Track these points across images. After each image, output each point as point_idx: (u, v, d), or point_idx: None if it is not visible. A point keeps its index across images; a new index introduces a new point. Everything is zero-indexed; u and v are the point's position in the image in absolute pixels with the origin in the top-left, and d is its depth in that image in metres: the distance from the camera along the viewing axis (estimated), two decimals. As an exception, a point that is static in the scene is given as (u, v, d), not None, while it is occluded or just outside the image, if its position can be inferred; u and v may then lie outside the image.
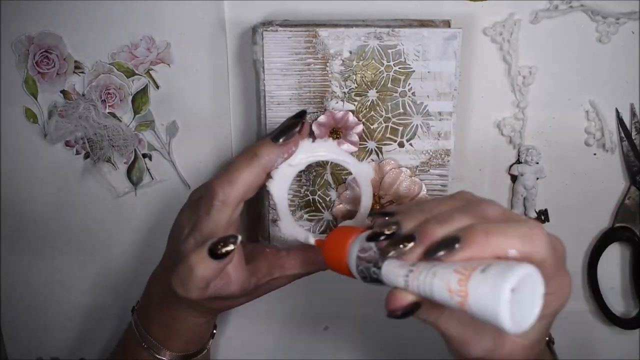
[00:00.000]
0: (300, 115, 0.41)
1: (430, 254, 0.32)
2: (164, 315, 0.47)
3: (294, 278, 0.46)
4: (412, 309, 0.34)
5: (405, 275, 0.33)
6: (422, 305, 0.34)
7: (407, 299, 0.34)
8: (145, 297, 0.49)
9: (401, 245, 0.33)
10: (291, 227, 0.43)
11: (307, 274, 0.46)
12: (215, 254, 0.37)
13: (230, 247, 0.37)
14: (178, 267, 0.39)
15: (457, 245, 0.32)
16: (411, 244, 0.33)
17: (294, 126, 0.40)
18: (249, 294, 0.45)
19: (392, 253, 0.34)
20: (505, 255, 0.31)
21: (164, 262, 0.49)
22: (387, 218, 0.36)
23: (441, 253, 0.32)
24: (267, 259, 0.45)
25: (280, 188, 0.42)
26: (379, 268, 0.35)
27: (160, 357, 0.47)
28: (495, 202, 0.35)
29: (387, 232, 0.35)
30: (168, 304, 0.46)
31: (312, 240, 0.43)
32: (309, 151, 0.42)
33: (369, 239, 0.36)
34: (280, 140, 0.40)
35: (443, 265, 0.32)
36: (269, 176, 0.41)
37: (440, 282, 0.31)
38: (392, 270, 0.34)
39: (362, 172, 0.44)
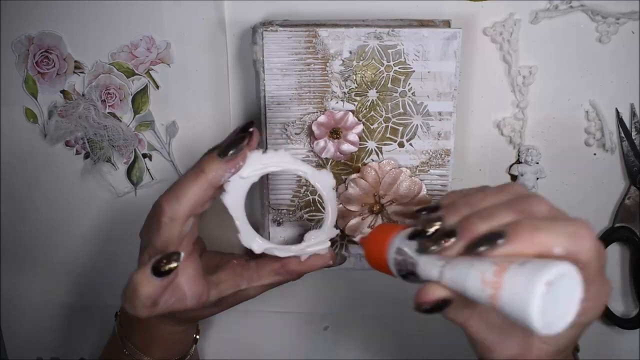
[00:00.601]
0: (247, 128, 0.40)
1: (472, 249, 0.31)
2: (141, 324, 0.46)
3: (265, 288, 0.45)
4: (442, 305, 0.33)
5: (441, 265, 0.33)
6: (453, 302, 0.33)
7: (439, 293, 0.33)
8: None
9: (442, 241, 0.33)
10: (250, 238, 0.42)
11: (278, 283, 0.45)
12: (158, 271, 0.37)
13: (173, 264, 0.38)
14: (125, 287, 0.39)
15: (500, 241, 0.31)
16: (452, 240, 0.32)
17: (241, 140, 0.40)
18: (216, 305, 0.44)
19: (432, 248, 0.33)
20: (550, 253, 0.30)
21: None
22: (430, 213, 0.35)
23: (483, 248, 0.31)
24: (234, 270, 0.45)
25: (235, 201, 0.41)
26: (416, 263, 0.35)
27: None
28: (544, 197, 0.34)
29: (429, 230, 0.34)
30: None
31: (278, 253, 0.43)
32: (260, 162, 0.41)
33: (411, 237, 0.35)
34: (229, 154, 0.39)
35: (483, 259, 0.31)
36: (222, 189, 0.40)
37: (475, 272, 0.31)
38: (429, 261, 0.33)
39: (323, 182, 0.43)
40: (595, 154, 0.52)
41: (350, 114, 0.47)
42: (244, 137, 0.40)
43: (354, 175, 0.48)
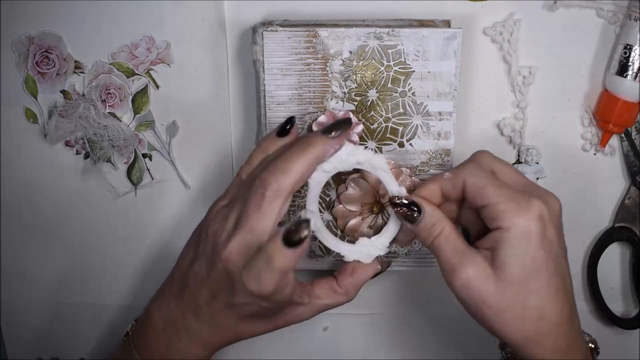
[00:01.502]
0: (347, 119, 0.43)
1: None
2: (166, 348, 0.44)
3: (321, 309, 0.45)
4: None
5: None
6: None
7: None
8: (144, 325, 0.46)
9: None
10: (322, 235, 0.44)
11: (332, 305, 0.45)
12: (290, 241, 0.36)
13: (305, 232, 0.36)
14: (251, 261, 0.38)
15: None
16: None
17: (345, 123, 0.41)
18: (272, 316, 0.43)
19: None
20: None
21: (167, 289, 0.46)
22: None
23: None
24: (296, 280, 0.42)
25: (312, 194, 0.43)
26: None
27: None
28: None
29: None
30: (171, 336, 0.44)
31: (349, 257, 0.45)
32: (354, 156, 0.42)
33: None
34: (332, 133, 0.41)
35: None
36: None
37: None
38: None
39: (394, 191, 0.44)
40: (595, 154, 0.52)
41: (351, 114, 0.47)
42: (348, 120, 0.42)
43: (354, 175, 0.48)
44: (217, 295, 0.41)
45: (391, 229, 0.45)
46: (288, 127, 0.43)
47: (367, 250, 0.45)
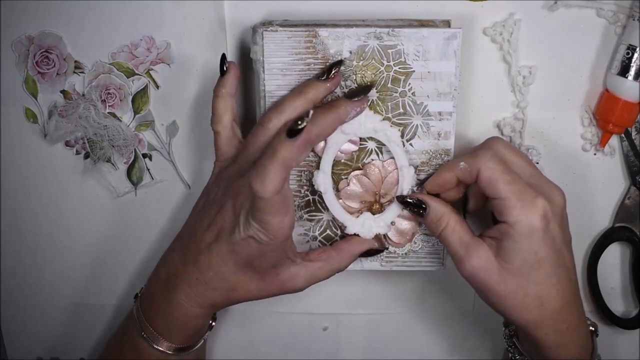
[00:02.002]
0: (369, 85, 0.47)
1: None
2: (165, 303, 0.46)
3: (314, 275, 0.47)
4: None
5: None
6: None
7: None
8: (151, 283, 0.49)
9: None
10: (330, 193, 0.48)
11: (328, 271, 0.47)
12: (292, 130, 0.38)
13: (305, 120, 0.38)
14: (256, 162, 0.40)
15: None
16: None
17: (368, 88, 0.46)
18: (263, 278, 0.45)
19: None
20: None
21: (176, 242, 0.48)
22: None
23: None
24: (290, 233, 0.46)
25: (328, 155, 0.47)
26: None
27: (157, 347, 0.47)
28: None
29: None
30: (170, 290, 0.46)
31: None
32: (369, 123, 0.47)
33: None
34: (355, 98, 0.45)
35: None
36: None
37: None
38: None
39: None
40: (595, 154, 0.52)
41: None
42: (368, 86, 0.46)
43: (357, 172, 0.48)
44: (220, 236, 0.43)
45: (394, 210, 0.48)
46: (334, 72, 0.45)
47: (368, 224, 0.48)
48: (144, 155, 0.54)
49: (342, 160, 0.48)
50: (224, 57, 0.46)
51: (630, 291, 0.56)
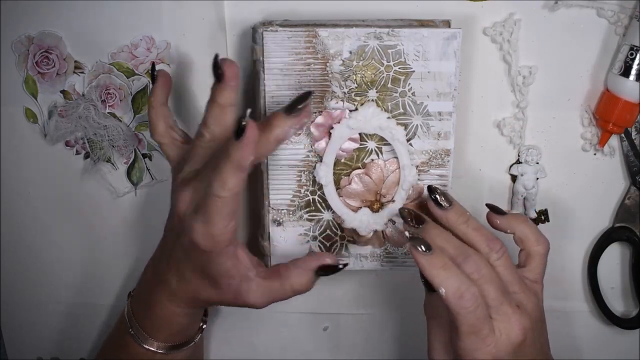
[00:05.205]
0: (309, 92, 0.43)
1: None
2: (151, 302, 0.46)
3: (268, 290, 0.44)
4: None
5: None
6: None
7: None
8: (139, 284, 0.49)
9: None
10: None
11: (282, 291, 0.45)
12: (236, 131, 0.38)
13: (244, 120, 0.38)
14: (215, 166, 0.40)
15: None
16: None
17: (306, 96, 0.42)
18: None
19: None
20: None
21: (159, 246, 0.48)
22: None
23: None
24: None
25: (332, 147, 0.47)
26: None
27: (146, 346, 0.47)
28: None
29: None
30: (153, 288, 0.46)
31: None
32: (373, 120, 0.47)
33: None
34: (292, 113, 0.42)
35: None
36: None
37: None
38: None
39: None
40: (595, 154, 0.52)
41: (348, 112, 0.47)
42: (307, 93, 0.42)
43: (359, 171, 0.48)
44: (180, 236, 0.43)
45: (394, 208, 0.48)
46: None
47: (366, 220, 0.48)
48: (144, 156, 0.54)
49: (343, 160, 0.48)
50: (153, 65, 0.48)
51: (630, 291, 0.56)
